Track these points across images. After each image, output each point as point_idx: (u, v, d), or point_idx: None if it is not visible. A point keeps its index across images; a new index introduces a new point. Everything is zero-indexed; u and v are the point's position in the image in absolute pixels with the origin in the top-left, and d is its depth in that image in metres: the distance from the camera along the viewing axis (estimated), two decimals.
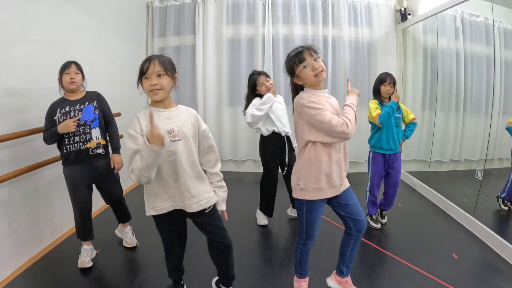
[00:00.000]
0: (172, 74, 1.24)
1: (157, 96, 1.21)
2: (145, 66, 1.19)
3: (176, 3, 3.74)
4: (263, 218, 2.42)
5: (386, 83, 2.16)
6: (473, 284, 1.71)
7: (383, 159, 2.27)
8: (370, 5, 3.62)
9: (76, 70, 1.81)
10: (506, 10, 2.40)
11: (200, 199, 1.29)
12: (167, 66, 1.21)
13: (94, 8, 2.68)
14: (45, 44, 2.09)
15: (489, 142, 2.55)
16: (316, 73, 1.29)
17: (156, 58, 1.20)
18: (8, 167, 1.78)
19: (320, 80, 1.32)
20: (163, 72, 1.19)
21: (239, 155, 3.91)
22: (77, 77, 1.81)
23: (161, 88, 1.20)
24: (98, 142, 1.83)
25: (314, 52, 1.30)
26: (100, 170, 1.86)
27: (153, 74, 1.18)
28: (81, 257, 1.86)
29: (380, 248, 2.11)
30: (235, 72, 3.80)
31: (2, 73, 1.77)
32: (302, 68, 1.30)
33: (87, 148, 1.79)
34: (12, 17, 1.83)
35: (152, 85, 1.18)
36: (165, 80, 1.20)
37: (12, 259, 1.84)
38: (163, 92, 1.21)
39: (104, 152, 1.88)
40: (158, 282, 1.71)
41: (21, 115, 1.92)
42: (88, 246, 1.91)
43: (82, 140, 1.78)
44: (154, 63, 1.18)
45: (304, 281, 1.62)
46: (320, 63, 1.30)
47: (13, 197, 1.86)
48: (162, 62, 1.20)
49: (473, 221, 2.35)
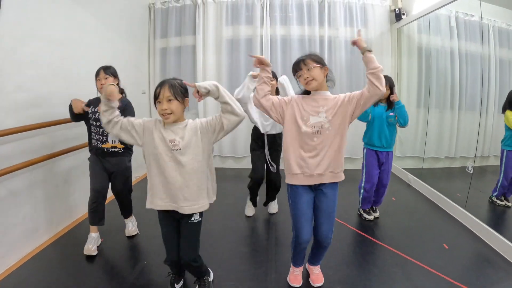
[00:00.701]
0: (182, 98, 1.32)
1: (168, 120, 1.31)
2: (157, 91, 1.30)
3: (177, 5, 3.85)
4: (249, 209, 2.55)
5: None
6: (462, 272, 1.79)
7: (376, 155, 2.36)
8: (366, 6, 3.72)
9: (105, 75, 1.95)
10: (501, 9, 2.47)
11: (193, 204, 1.37)
12: (177, 91, 1.29)
13: (100, 9, 2.79)
14: (53, 43, 2.20)
15: (485, 140, 2.62)
16: (306, 81, 1.43)
17: (166, 83, 1.29)
18: (15, 159, 1.88)
19: (310, 87, 1.44)
20: (173, 97, 1.28)
21: (239, 152, 4.00)
22: (107, 81, 1.93)
23: (171, 112, 1.29)
24: (114, 145, 1.99)
25: (310, 62, 1.41)
26: (113, 165, 2.03)
27: (164, 99, 1.28)
28: (87, 245, 1.97)
29: (372, 238, 2.19)
30: (234, 71, 3.90)
31: (13, 70, 1.88)
32: (298, 76, 1.47)
33: (103, 147, 1.98)
34: (23, 17, 1.94)
35: (163, 110, 1.29)
36: (175, 105, 1.29)
37: (20, 246, 1.94)
38: (174, 116, 1.30)
39: (121, 150, 2.02)
40: (160, 268, 1.78)
41: (30, 110, 2.02)
42: (95, 234, 2.02)
43: (100, 140, 1.98)
44: (165, 89, 1.28)
45: (298, 269, 1.70)
46: (313, 72, 1.40)
47: (21, 188, 1.96)
48: (172, 87, 1.28)
49: (464, 214, 2.43)
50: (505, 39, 2.53)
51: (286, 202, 1.60)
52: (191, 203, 1.36)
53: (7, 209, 1.85)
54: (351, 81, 3.66)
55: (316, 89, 1.45)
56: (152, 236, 2.17)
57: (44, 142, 2.14)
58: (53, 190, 2.24)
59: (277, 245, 2.11)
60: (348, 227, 2.36)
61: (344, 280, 1.71)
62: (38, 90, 2.09)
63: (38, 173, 2.10)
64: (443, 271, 1.77)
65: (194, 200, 1.36)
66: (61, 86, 2.30)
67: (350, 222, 2.43)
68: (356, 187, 2.55)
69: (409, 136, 3.80)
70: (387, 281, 1.71)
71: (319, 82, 1.42)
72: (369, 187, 2.38)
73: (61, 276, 1.74)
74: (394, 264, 1.87)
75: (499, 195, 2.42)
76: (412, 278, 1.72)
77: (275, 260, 1.91)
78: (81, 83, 2.41)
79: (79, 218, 2.50)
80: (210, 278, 1.65)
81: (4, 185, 1.83)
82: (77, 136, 2.42)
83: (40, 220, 2.11)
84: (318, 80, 1.42)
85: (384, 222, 2.46)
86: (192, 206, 1.36)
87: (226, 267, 1.83)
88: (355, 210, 2.59)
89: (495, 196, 2.44)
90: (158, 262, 1.85)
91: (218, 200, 1.57)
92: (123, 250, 2.07)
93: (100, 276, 1.77)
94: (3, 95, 1.82)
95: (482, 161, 2.75)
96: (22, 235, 1.95)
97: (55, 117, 2.20)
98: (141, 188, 3.43)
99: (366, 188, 2.39)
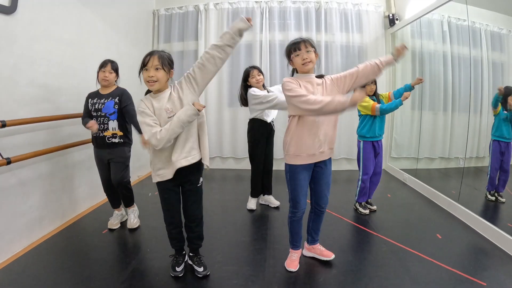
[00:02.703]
0: (169, 69, 1.42)
1: (153, 87, 1.40)
2: (146, 59, 1.38)
3: (180, 11, 4.03)
4: (252, 203, 2.63)
5: (370, 82, 2.42)
6: (455, 258, 1.84)
7: (373, 146, 2.46)
8: (361, 12, 3.89)
9: (111, 70, 2.10)
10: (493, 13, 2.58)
11: (187, 156, 1.47)
12: (165, 62, 1.39)
13: (107, 13, 2.96)
14: (64, 43, 2.34)
15: (480, 140, 2.71)
16: (304, 62, 1.51)
17: (156, 53, 1.38)
18: (25, 149, 1.97)
19: (306, 68, 1.53)
20: (160, 66, 1.37)
21: (239, 153, 4.09)
22: (110, 76, 2.09)
23: (156, 80, 1.38)
24: (114, 132, 2.10)
25: (309, 45, 1.51)
26: (113, 155, 2.13)
27: (152, 67, 1.36)
28: (111, 220, 2.25)
29: (367, 229, 2.26)
30: (234, 75, 4.04)
31: (27, 66, 2.00)
32: (295, 55, 1.53)
33: (104, 136, 2.09)
34: (37, 18, 2.08)
35: (150, 77, 1.37)
36: (161, 74, 1.38)
37: (27, 234, 2.01)
38: (158, 84, 1.39)
39: (121, 141, 2.12)
40: (161, 254, 1.86)
41: (41, 105, 2.13)
42: (119, 212, 2.29)
43: (101, 129, 2.08)
44: (154, 58, 1.36)
45: (296, 252, 1.78)
46: (311, 55, 1.51)
47: (29, 178, 2.04)
48: (161, 57, 1.37)
49: (457, 207, 2.49)
50: (497, 42, 2.64)
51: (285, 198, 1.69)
52: (184, 155, 1.46)
53: (16, 197, 1.93)
54: None
55: (310, 71, 1.56)
56: (154, 227, 2.24)
57: (53, 136, 2.25)
58: (59, 182, 2.33)
59: (275, 235, 2.17)
60: (345, 220, 2.42)
61: (339, 266, 1.77)
62: (49, 86, 2.21)
63: (46, 165, 2.19)
64: (437, 258, 1.82)
65: (188, 152, 1.47)
66: (71, 83, 2.43)
67: (347, 216, 2.49)
68: (353, 186, 2.63)
69: (404, 137, 3.89)
70: (382, 266, 1.77)
71: (314, 64, 1.54)
72: (366, 178, 2.48)
73: (65, 265, 1.79)
74: (389, 252, 1.92)
75: (490, 188, 2.49)
76: (406, 264, 1.77)
77: (273, 249, 1.97)
78: (89, 82, 2.51)
79: (84, 211, 2.58)
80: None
81: (14, 173, 1.91)
82: (84, 131, 2.51)
83: (46, 211, 2.18)
84: (313, 63, 1.53)
85: (380, 216, 2.53)
86: (186, 158, 1.47)
87: (226, 254, 1.90)
88: (351, 205, 2.66)
89: (488, 190, 2.51)
90: (160, 249, 1.92)
91: (219, 197, 1.67)
92: (126, 239, 2.13)
93: (102, 263, 1.82)
94: (17, 88, 1.94)
95: (477, 162, 2.83)
96: (28, 224, 2.03)
97: (64, 112, 2.31)
98: (143, 186, 3.51)
99: (364, 179, 2.48)
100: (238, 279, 1.63)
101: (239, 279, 1.63)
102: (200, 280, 1.62)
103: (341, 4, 3.88)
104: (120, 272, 1.70)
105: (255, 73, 2.41)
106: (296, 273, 1.70)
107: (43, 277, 1.65)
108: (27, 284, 1.59)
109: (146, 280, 1.63)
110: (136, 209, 2.34)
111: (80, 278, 1.63)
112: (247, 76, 2.43)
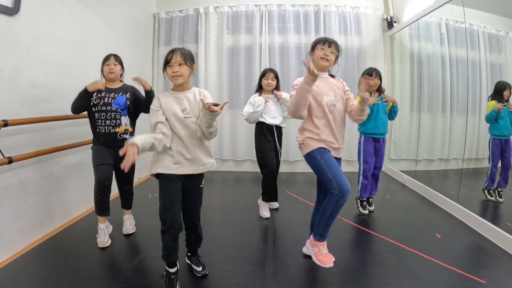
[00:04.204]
0: (191, 64, 1.48)
1: (177, 81, 1.46)
2: (169, 56, 1.45)
3: (180, 14, 4.08)
4: (266, 211, 2.55)
5: (373, 76, 2.40)
6: (454, 257, 1.85)
7: (373, 142, 2.48)
8: (359, 15, 3.94)
9: (115, 61, 2.07)
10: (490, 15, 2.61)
11: (204, 163, 1.53)
12: (187, 57, 1.46)
13: (108, 15, 2.99)
14: (65, 43, 2.36)
15: (479, 142, 2.72)
16: (323, 57, 1.60)
17: (178, 50, 1.45)
18: (26, 149, 1.98)
19: (322, 65, 1.62)
20: (183, 61, 1.44)
21: (238, 155, 4.11)
22: (116, 68, 2.07)
23: (181, 75, 1.45)
24: (126, 128, 2.07)
25: (335, 49, 1.62)
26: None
27: (175, 63, 1.43)
28: (99, 237, 2.01)
29: (367, 229, 2.26)
30: (234, 78, 4.07)
31: (28, 66, 2.02)
32: (319, 48, 1.62)
33: (116, 132, 2.02)
34: (39, 19, 2.10)
35: (174, 72, 1.44)
36: (185, 69, 1.45)
37: (27, 234, 2.01)
38: (183, 79, 1.46)
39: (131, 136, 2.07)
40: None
41: (42, 105, 2.15)
42: (103, 224, 2.04)
43: (112, 124, 2.01)
44: (177, 54, 1.44)
45: (324, 245, 1.66)
46: (332, 56, 1.61)
47: (30, 178, 2.05)
48: (183, 54, 1.45)
49: (456, 207, 2.50)
50: (495, 44, 2.67)
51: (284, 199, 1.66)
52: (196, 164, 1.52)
53: (17, 196, 1.94)
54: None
55: (324, 69, 1.65)
56: (154, 227, 2.24)
57: (53, 136, 2.26)
58: (59, 183, 2.34)
59: (275, 236, 2.17)
60: (345, 221, 2.43)
61: (339, 265, 1.76)
62: (50, 86, 2.23)
63: (47, 165, 2.20)
64: (436, 256, 1.83)
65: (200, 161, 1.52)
66: (71, 84, 2.43)
67: (346, 217, 2.49)
68: (353, 186, 2.62)
69: (403, 139, 3.91)
70: (381, 265, 1.77)
71: (329, 65, 1.63)
72: (367, 174, 2.48)
73: (65, 264, 1.78)
74: (388, 251, 1.93)
75: (490, 185, 2.50)
76: (405, 263, 1.78)
77: (272, 248, 1.97)
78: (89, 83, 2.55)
79: (85, 212, 2.59)
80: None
81: (16, 173, 1.93)
82: (85, 132, 2.52)
83: (47, 210, 2.19)
84: (330, 64, 1.62)
85: (379, 216, 2.53)
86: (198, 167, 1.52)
87: (225, 254, 1.90)
88: (352, 206, 2.66)
89: (486, 186, 2.52)
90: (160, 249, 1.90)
91: (218, 199, 1.68)
92: (125, 240, 2.13)
93: (101, 264, 1.81)
94: (19, 89, 1.96)
95: (477, 163, 2.84)
96: (29, 223, 2.03)
97: (65, 113, 2.31)
98: (142, 189, 3.52)
99: (365, 175, 2.49)
100: (238, 277, 1.63)
101: (239, 277, 1.63)
102: (199, 279, 1.62)
103: (340, 7, 3.93)
104: (120, 271, 1.71)
105: (270, 76, 2.47)
106: (296, 272, 1.70)
107: (43, 277, 1.65)
108: (27, 283, 1.59)
109: (147, 278, 1.64)
110: (132, 217, 2.28)
111: (80, 277, 1.63)
112: (263, 76, 2.50)
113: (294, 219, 2.46)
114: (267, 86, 2.48)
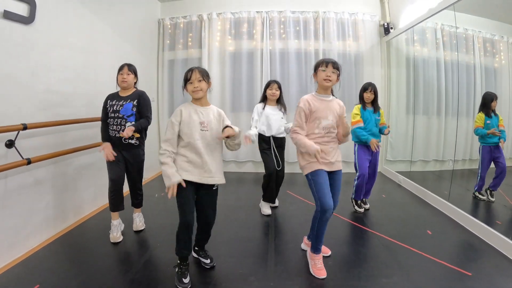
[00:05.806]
0: (207, 80, 1.68)
1: (198, 95, 1.66)
2: (189, 74, 1.66)
3: (184, 20, 4.22)
4: (266, 208, 2.70)
5: (368, 90, 2.57)
6: (444, 252, 1.96)
7: (367, 149, 2.60)
8: (357, 21, 4.08)
9: (128, 71, 2.20)
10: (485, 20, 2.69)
11: (213, 175, 1.66)
12: (204, 74, 1.67)
13: (116, 22, 3.13)
14: (77, 50, 2.50)
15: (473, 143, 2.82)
16: (326, 78, 1.71)
17: (196, 69, 1.66)
18: (42, 151, 2.12)
19: (325, 85, 1.73)
20: (202, 78, 1.65)
21: (240, 156, 4.23)
22: (128, 77, 2.19)
23: (201, 89, 1.65)
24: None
25: (335, 68, 1.72)
26: (130, 156, 2.19)
27: (195, 80, 1.64)
28: (112, 233, 2.13)
29: (362, 226, 2.39)
30: (236, 82, 4.21)
31: (44, 72, 2.16)
32: (321, 70, 1.73)
33: (120, 137, 2.12)
34: (53, 27, 2.24)
35: (195, 87, 1.64)
36: (203, 84, 1.66)
37: (42, 230, 2.15)
38: (202, 92, 1.67)
39: (137, 143, 2.20)
40: (171, 248, 1.94)
41: (56, 109, 2.28)
42: (116, 221, 2.17)
43: (118, 130, 2.13)
44: (195, 72, 1.65)
45: (319, 258, 1.78)
46: (333, 76, 1.71)
47: (45, 178, 2.19)
48: (201, 71, 1.66)
49: (448, 206, 2.62)
50: (490, 48, 2.75)
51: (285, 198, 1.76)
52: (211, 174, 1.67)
53: (33, 195, 2.08)
54: (343, 90, 3.95)
55: (327, 89, 1.76)
56: (159, 225, 2.37)
57: (66, 138, 2.39)
58: (72, 183, 2.47)
59: (276, 231, 2.30)
60: (341, 218, 2.55)
61: (335, 257, 1.90)
62: (63, 91, 2.37)
63: (61, 166, 2.34)
64: (426, 251, 1.95)
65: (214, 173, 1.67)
66: (83, 89, 2.58)
67: (342, 214, 2.62)
68: (349, 187, 2.76)
69: (399, 141, 4.04)
70: (374, 257, 1.90)
71: (333, 84, 1.74)
72: (362, 177, 2.61)
73: (78, 259, 1.91)
74: (381, 245, 2.06)
75: (479, 189, 2.62)
76: (396, 256, 1.91)
77: (274, 243, 2.10)
78: (100, 87, 2.69)
79: (94, 210, 2.72)
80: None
81: (32, 173, 2.06)
82: (95, 135, 2.66)
83: (60, 209, 2.32)
84: (333, 83, 1.73)
85: (374, 214, 2.66)
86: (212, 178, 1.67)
87: (229, 248, 2.03)
88: (347, 205, 2.79)
89: (476, 190, 2.65)
90: (170, 244, 2.03)
91: (221, 197, 1.81)
92: (137, 236, 2.25)
93: (114, 258, 1.94)
94: (35, 94, 2.09)
95: (471, 164, 2.95)
96: (44, 221, 2.16)
97: (77, 116, 2.46)
98: (148, 188, 3.65)
99: (359, 177, 2.62)
100: (242, 269, 1.76)
101: (243, 269, 1.76)
102: (208, 271, 1.76)
103: (338, 14, 4.07)
104: (133, 264, 1.83)
105: (274, 86, 2.63)
106: (295, 264, 1.83)
107: (58, 270, 1.77)
108: (42, 277, 1.69)
109: (159, 270, 1.76)
110: (141, 214, 2.39)
111: (94, 271, 1.75)
112: (267, 86, 2.65)
113: (294, 217, 2.59)
114: (272, 95, 2.63)
